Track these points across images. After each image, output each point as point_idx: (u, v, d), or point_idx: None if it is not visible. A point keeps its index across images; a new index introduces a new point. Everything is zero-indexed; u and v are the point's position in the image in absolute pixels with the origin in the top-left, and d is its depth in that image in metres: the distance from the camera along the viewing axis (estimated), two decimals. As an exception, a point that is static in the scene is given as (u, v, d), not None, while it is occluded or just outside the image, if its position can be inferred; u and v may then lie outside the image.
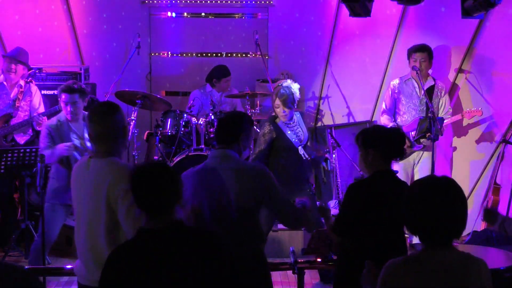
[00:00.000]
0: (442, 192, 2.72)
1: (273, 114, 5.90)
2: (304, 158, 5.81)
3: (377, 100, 7.87)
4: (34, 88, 6.97)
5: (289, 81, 5.89)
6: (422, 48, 6.73)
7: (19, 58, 6.81)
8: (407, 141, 6.67)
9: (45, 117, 6.60)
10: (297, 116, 5.96)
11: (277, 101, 5.75)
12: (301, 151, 5.82)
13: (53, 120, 5.89)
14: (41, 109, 6.94)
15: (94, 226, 3.59)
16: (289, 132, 5.80)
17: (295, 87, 5.83)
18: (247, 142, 4.22)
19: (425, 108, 6.68)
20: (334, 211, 6.65)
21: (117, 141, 3.68)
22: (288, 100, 5.73)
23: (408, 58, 6.81)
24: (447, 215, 2.70)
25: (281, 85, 5.82)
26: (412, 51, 6.77)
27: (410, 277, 2.71)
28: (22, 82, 6.88)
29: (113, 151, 3.66)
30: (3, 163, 6.23)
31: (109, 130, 3.65)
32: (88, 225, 3.62)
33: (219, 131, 4.16)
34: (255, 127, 7.35)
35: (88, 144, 5.75)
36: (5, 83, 6.82)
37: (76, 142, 5.80)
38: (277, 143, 5.75)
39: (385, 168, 3.96)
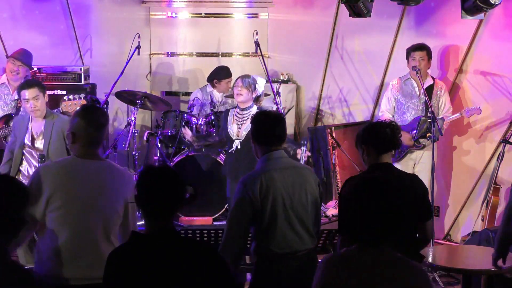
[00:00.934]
0: (371, 192, 2.71)
1: None
2: (238, 153, 5.87)
3: (377, 100, 7.87)
4: None
5: (259, 77, 6.06)
6: (421, 47, 6.73)
7: (23, 60, 6.81)
8: (408, 134, 6.67)
9: None
10: (254, 112, 5.95)
11: (238, 81, 5.89)
12: (235, 144, 5.89)
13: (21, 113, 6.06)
14: None
15: (110, 224, 3.65)
16: (232, 121, 5.91)
17: (260, 81, 5.96)
18: None
19: (424, 108, 6.68)
20: (334, 211, 6.64)
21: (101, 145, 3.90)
22: (247, 81, 5.84)
23: (407, 58, 6.80)
24: (374, 215, 2.67)
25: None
26: (410, 50, 6.76)
27: (342, 273, 2.71)
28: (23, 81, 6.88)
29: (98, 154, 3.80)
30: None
31: (104, 135, 3.80)
32: (104, 223, 3.63)
33: (276, 131, 4.03)
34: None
35: (39, 145, 5.78)
36: (7, 83, 6.81)
37: (27, 141, 5.80)
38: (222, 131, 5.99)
39: (380, 161, 3.99)
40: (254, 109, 5.95)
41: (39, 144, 5.79)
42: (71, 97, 6.39)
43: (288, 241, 3.91)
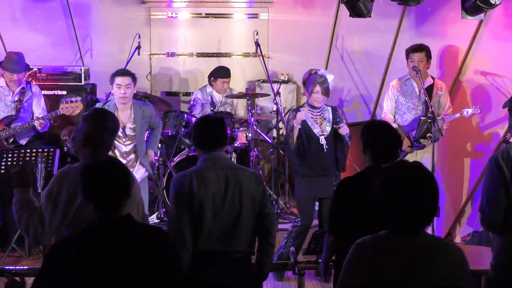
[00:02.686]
0: (413, 178, 2.76)
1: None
2: (325, 149, 5.91)
3: (377, 100, 7.88)
4: (35, 87, 6.95)
5: (323, 71, 6.08)
6: (420, 48, 6.72)
7: (21, 69, 6.77)
8: (407, 141, 6.67)
9: (46, 120, 6.57)
10: (326, 109, 6.05)
11: (317, 87, 5.89)
12: (322, 141, 5.92)
13: (99, 106, 6.17)
14: (44, 111, 6.89)
15: None
16: (310, 120, 5.95)
17: (330, 77, 6.00)
18: None
19: (424, 108, 6.68)
20: None
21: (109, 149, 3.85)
22: (326, 88, 5.93)
23: (406, 59, 6.80)
24: (416, 201, 2.73)
25: (317, 73, 5.98)
26: (409, 51, 6.75)
27: (376, 258, 2.75)
28: (24, 83, 6.86)
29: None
30: (3, 163, 6.22)
31: (114, 140, 3.84)
32: None
33: (212, 134, 4.09)
34: (255, 127, 7.36)
35: (128, 132, 6.02)
36: (6, 86, 6.79)
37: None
38: (300, 130, 5.95)
39: (376, 165, 3.92)
40: (325, 105, 6.06)
41: (128, 131, 6.03)
42: (68, 99, 6.39)
43: (216, 241, 3.93)
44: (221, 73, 7.77)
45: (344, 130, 5.96)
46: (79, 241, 2.88)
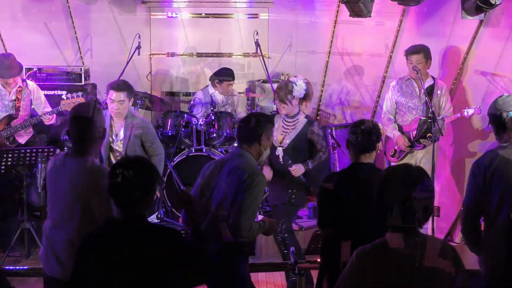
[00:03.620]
0: (411, 180, 2.86)
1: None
2: (280, 160, 5.76)
3: (377, 101, 7.87)
4: (31, 84, 6.94)
5: (298, 77, 5.87)
6: (418, 50, 6.67)
7: (15, 74, 6.73)
8: (406, 141, 6.67)
9: (53, 115, 6.62)
10: (301, 121, 5.78)
11: (275, 94, 5.83)
12: (277, 152, 5.78)
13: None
14: (46, 104, 6.88)
15: (72, 217, 3.80)
16: (278, 128, 5.78)
17: (299, 84, 5.72)
18: (268, 142, 4.28)
19: (425, 108, 6.68)
20: None
21: (94, 142, 3.88)
22: (281, 95, 5.68)
23: (406, 59, 6.79)
24: (413, 202, 2.83)
25: (288, 79, 5.90)
26: (408, 53, 6.71)
27: (380, 261, 2.86)
28: (19, 82, 6.86)
29: (89, 151, 3.85)
30: (3, 163, 6.22)
31: (94, 130, 3.84)
32: (65, 217, 3.80)
33: (238, 130, 4.30)
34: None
35: (118, 144, 5.98)
36: (2, 87, 6.78)
37: (110, 139, 5.98)
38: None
39: (356, 161, 4.18)
40: (301, 117, 5.79)
41: (119, 142, 5.96)
42: (69, 95, 6.40)
43: (206, 232, 4.02)
44: (227, 75, 7.73)
45: (294, 172, 5.66)
46: (97, 237, 3.03)
